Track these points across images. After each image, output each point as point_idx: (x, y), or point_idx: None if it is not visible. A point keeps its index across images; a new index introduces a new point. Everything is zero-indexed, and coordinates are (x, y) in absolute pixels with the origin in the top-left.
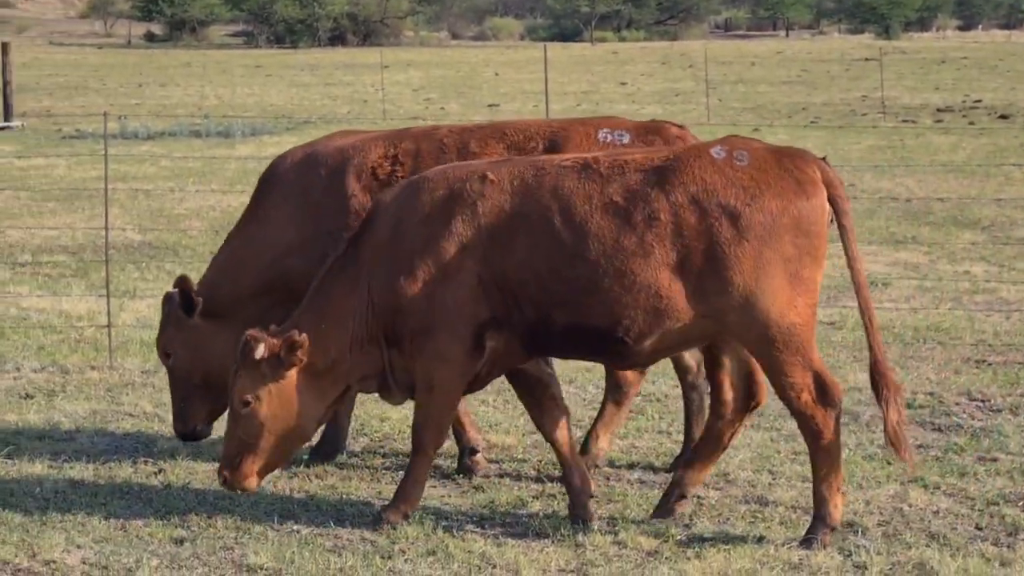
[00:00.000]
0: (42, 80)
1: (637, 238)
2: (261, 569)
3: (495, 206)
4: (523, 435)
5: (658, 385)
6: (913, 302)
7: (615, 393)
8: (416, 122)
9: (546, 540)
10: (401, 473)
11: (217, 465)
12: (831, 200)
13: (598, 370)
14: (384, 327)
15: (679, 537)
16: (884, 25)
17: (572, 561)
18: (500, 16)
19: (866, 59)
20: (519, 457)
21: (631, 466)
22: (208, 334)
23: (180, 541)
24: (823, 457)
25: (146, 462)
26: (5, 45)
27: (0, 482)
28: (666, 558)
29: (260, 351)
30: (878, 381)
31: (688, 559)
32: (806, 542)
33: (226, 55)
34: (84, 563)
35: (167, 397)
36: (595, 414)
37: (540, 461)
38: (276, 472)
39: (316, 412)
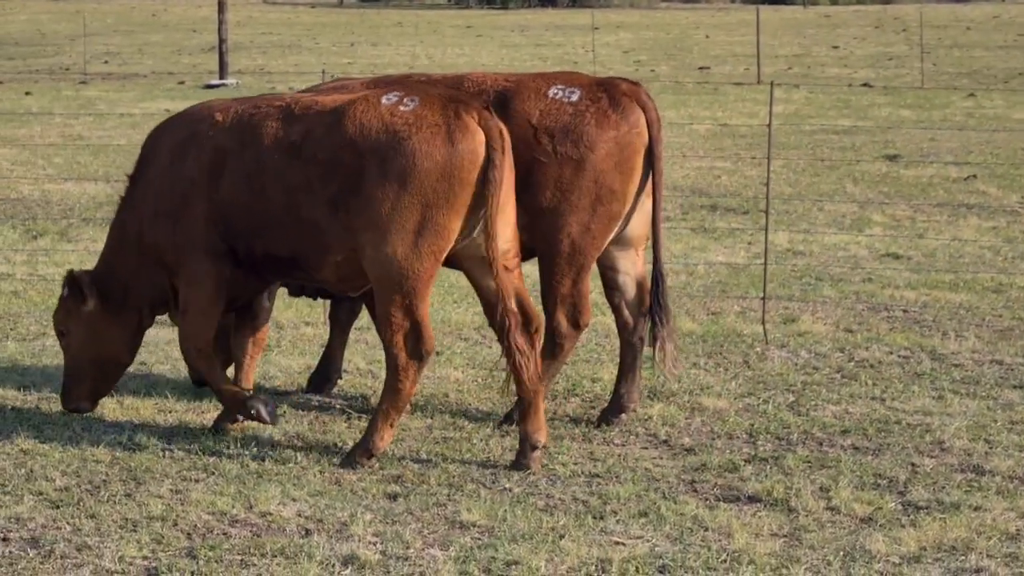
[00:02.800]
0: (256, 39)
1: (304, 175)
2: (473, 526)
3: (216, 144)
4: (734, 398)
5: (872, 351)
6: None
7: (550, 345)
8: None
9: (758, 504)
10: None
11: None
12: (486, 149)
13: None
14: (157, 259)
15: (893, 505)
16: None
17: (784, 526)
18: None
19: None
20: (731, 420)
21: (844, 432)
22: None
23: (393, 496)
24: (392, 395)
25: (359, 418)
26: (221, 4)
27: (217, 434)
28: (880, 525)
29: (64, 290)
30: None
31: (903, 527)
32: (344, 462)
33: (437, 15)
34: (299, 515)
35: (380, 354)
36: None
37: (752, 425)
38: (488, 431)
39: (123, 337)
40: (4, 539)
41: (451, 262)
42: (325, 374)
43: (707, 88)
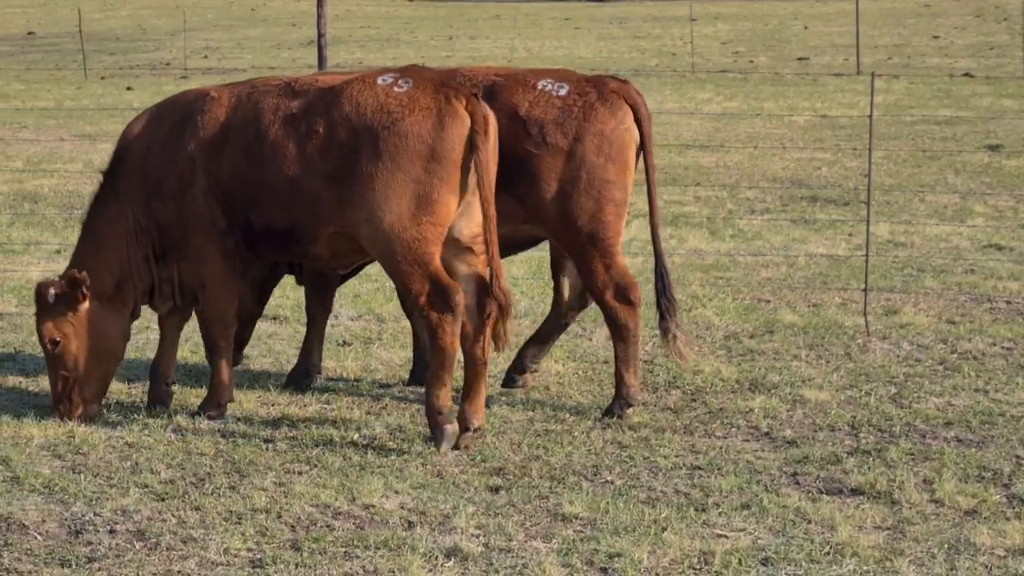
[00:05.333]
0: (354, 32)
1: (301, 149)
2: (576, 519)
3: (214, 121)
4: (836, 391)
5: (974, 343)
6: None
7: (614, 330)
8: (724, 76)
9: (861, 496)
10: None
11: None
12: (471, 133)
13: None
14: (151, 244)
15: (997, 497)
16: None
17: (888, 518)
18: None
19: None
20: (833, 412)
21: (947, 424)
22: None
23: (496, 489)
24: (437, 353)
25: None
26: None
27: (320, 427)
28: (985, 518)
29: (51, 294)
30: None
31: (1007, 519)
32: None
33: (535, 8)
34: (402, 508)
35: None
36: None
37: (854, 417)
38: (589, 423)
39: (118, 330)
40: (111, 531)
41: None
42: (304, 370)
43: (806, 79)
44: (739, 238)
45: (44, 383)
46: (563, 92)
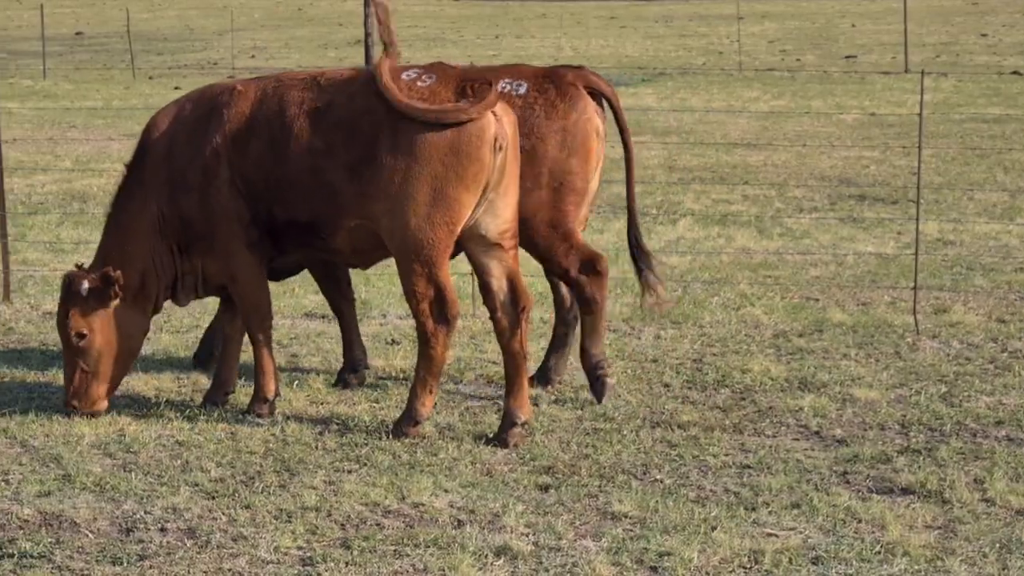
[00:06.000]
0: (401, 32)
1: (325, 141)
2: (625, 517)
3: (239, 114)
4: (886, 389)
5: None
6: None
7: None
8: (772, 74)
9: (912, 496)
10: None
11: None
12: (493, 127)
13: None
14: (175, 237)
15: None
16: None
17: (939, 518)
18: None
19: None
20: (883, 411)
21: (998, 423)
22: None
23: (545, 488)
24: (426, 361)
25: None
26: None
27: (369, 426)
28: None
29: (84, 287)
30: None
31: None
32: (393, 431)
33: (581, 7)
34: (451, 507)
35: (532, 345)
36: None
37: (904, 416)
38: (638, 422)
39: (141, 327)
40: (162, 529)
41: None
42: (351, 366)
43: (854, 77)
44: (787, 237)
45: None
46: (522, 91)
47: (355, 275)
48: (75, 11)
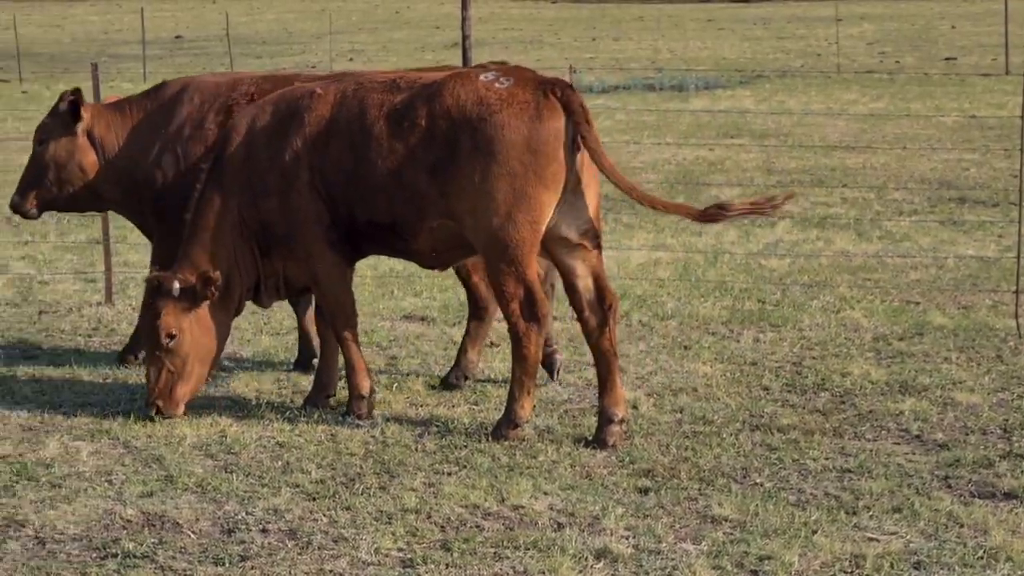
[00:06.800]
0: (498, 34)
1: (404, 143)
2: (725, 521)
3: (319, 117)
4: (988, 393)
5: None
6: None
7: (477, 311)
8: (871, 76)
9: (1014, 500)
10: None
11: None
12: (572, 127)
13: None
14: (256, 239)
15: None
16: None
17: None
18: None
19: None
20: (984, 415)
21: None
22: None
23: (644, 491)
24: (520, 362)
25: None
26: (464, 0)
27: (467, 429)
28: None
29: (176, 287)
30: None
31: None
32: (493, 434)
33: (678, 9)
34: (551, 509)
35: (630, 348)
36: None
37: (1006, 420)
38: (738, 425)
39: (225, 330)
40: (263, 530)
41: None
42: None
43: (954, 79)
44: (887, 239)
45: None
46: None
47: (450, 277)
48: (175, 14)
